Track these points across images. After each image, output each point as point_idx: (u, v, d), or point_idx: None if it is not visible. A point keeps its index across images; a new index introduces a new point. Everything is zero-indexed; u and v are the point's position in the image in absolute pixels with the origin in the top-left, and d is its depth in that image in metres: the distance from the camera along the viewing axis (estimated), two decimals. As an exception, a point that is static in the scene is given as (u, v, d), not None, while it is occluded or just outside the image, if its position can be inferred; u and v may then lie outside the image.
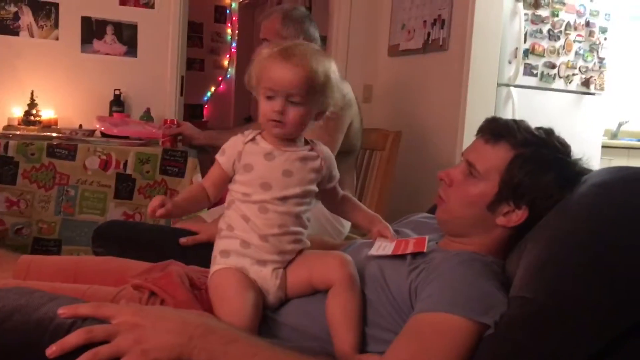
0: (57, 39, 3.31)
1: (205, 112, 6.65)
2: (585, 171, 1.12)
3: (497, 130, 1.15)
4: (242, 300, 1.08)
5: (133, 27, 3.44)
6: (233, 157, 1.16)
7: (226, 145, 1.18)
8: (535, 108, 3.07)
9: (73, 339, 0.84)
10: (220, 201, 3.09)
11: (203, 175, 2.71)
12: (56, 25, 3.30)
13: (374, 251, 1.19)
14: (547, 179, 1.08)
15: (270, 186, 1.13)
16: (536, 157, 1.10)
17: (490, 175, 1.12)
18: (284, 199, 1.14)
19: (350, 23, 3.71)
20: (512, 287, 0.99)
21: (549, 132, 1.16)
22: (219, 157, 1.18)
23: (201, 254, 1.49)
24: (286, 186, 1.15)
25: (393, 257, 1.16)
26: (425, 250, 1.14)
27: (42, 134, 2.81)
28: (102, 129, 2.88)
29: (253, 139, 1.16)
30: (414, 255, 1.15)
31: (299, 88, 1.10)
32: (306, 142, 1.21)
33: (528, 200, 1.09)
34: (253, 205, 1.14)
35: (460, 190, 1.15)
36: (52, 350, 0.83)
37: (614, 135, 4.29)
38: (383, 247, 1.20)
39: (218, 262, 1.16)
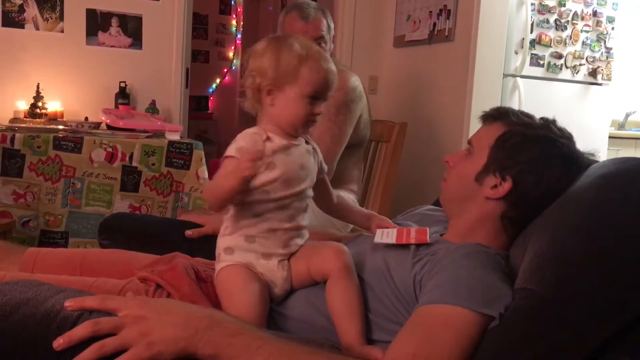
0: (62, 31, 3.31)
1: (210, 104, 6.66)
2: (583, 157, 1.14)
3: (496, 113, 1.20)
4: (249, 294, 1.09)
5: (138, 19, 3.44)
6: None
7: (244, 143, 1.13)
8: (541, 99, 3.06)
9: (80, 331, 0.85)
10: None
11: (209, 168, 2.74)
12: (61, 17, 3.30)
13: (378, 239, 1.20)
14: (530, 153, 1.11)
15: (291, 182, 1.13)
16: (522, 133, 1.13)
17: (482, 149, 1.16)
18: (300, 193, 1.15)
19: (355, 14, 3.70)
20: (517, 279, 0.99)
21: (550, 120, 1.18)
22: (239, 156, 1.10)
23: (206, 246, 1.49)
24: (303, 180, 1.16)
25: (397, 249, 1.16)
26: (428, 240, 1.15)
27: (48, 126, 2.82)
28: (108, 121, 2.89)
29: (268, 137, 1.14)
30: (418, 247, 1.15)
31: (332, 91, 1.16)
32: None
33: (512, 172, 1.11)
34: (271, 203, 1.12)
35: (458, 168, 1.21)
36: (59, 342, 0.84)
37: (621, 126, 4.27)
38: (386, 234, 1.21)
39: (223, 260, 1.15)
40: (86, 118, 3.21)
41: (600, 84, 3.28)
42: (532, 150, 1.11)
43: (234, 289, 1.10)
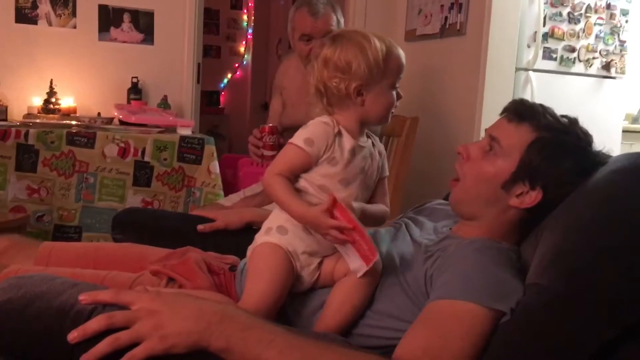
0: (74, 27, 3.34)
1: (221, 99, 6.67)
2: (604, 161, 1.10)
3: (522, 111, 1.14)
4: (278, 279, 1.09)
5: (150, 15, 3.45)
6: (322, 149, 1.11)
7: (313, 134, 1.11)
8: (554, 93, 3.03)
9: (94, 324, 0.86)
10: (237, 187, 3.12)
11: (220, 163, 2.75)
12: (74, 13, 3.33)
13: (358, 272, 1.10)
14: (564, 165, 1.08)
15: (349, 183, 1.13)
16: (557, 143, 1.09)
17: (511, 153, 1.10)
18: (357, 197, 1.15)
19: (366, 8, 3.68)
20: (529, 274, 0.99)
21: (573, 121, 1.14)
22: (305, 146, 1.10)
23: (218, 240, 1.50)
24: (360, 183, 1.16)
25: (407, 245, 1.16)
26: (376, 257, 1.06)
27: (62, 122, 2.85)
28: (121, 116, 2.91)
29: (339, 131, 1.13)
30: (429, 243, 1.15)
31: None
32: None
33: (543, 183, 1.08)
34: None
35: (477, 166, 1.14)
36: (73, 335, 0.85)
37: (635, 120, 4.22)
38: (352, 259, 1.10)
39: (272, 235, 1.13)
40: (99, 113, 3.23)
41: (613, 78, 3.25)
42: (564, 163, 1.08)
43: (267, 267, 1.10)
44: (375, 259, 1.05)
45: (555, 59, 3.08)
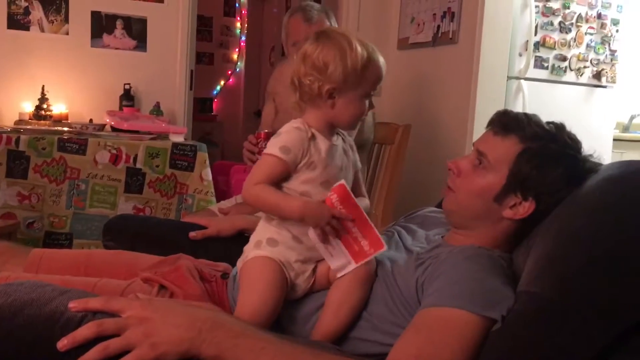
0: (67, 33, 3.33)
1: (214, 106, 6.66)
2: (595, 168, 1.11)
3: (506, 122, 1.14)
4: (268, 293, 1.08)
5: (142, 22, 3.45)
6: (299, 155, 1.10)
7: (289, 141, 1.10)
8: (546, 101, 3.05)
9: (84, 332, 0.85)
10: (229, 194, 3.11)
11: (212, 170, 2.74)
12: (66, 19, 3.32)
13: (339, 272, 1.12)
14: (554, 174, 1.08)
15: (331, 184, 1.12)
16: (544, 152, 1.09)
17: (499, 166, 1.11)
18: None
19: (359, 16, 3.69)
20: (520, 282, 0.99)
21: (560, 127, 1.14)
22: (282, 155, 1.09)
23: (210, 247, 1.50)
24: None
25: (400, 251, 1.16)
26: (384, 248, 1.09)
27: (53, 128, 2.84)
28: (113, 123, 2.90)
29: (313, 135, 1.12)
30: (420, 251, 1.15)
31: None
32: None
33: (535, 193, 1.09)
34: None
35: (468, 180, 1.14)
36: (63, 343, 0.84)
37: (625, 129, 4.25)
38: (336, 257, 1.11)
39: (264, 248, 1.13)
40: (91, 120, 3.22)
41: (604, 87, 3.27)
42: (554, 171, 1.08)
43: (260, 281, 1.09)
44: (383, 249, 1.07)
45: (546, 68, 3.10)
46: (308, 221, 1.08)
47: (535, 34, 3.02)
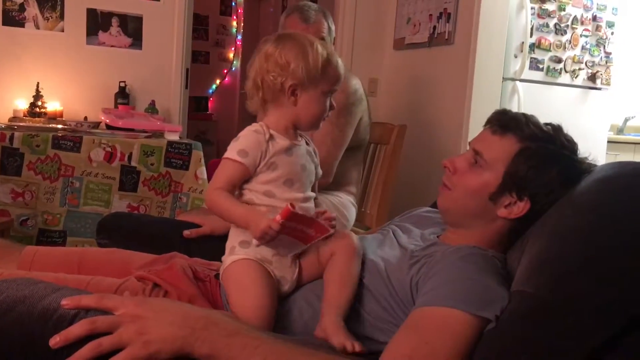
0: (62, 30, 3.32)
1: (210, 104, 6.66)
2: (590, 169, 1.11)
3: (505, 122, 1.15)
4: (262, 290, 1.09)
5: (138, 19, 3.44)
6: (257, 157, 1.12)
7: (246, 145, 1.12)
8: (541, 102, 3.06)
9: (76, 329, 0.85)
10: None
11: (207, 168, 2.74)
12: (62, 17, 3.31)
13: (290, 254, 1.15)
14: (550, 174, 1.09)
15: (293, 182, 1.15)
16: (542, 152, 1.10)
17: (495, 165, 1.12)
18: (305, 195, 1.17)
19: (356, 16, 3.70)
20: (514, 282, 0.99)
21: (557, 129, 1.15)
22: (240, 158, 1.11)
23: (204, 246, 1.50)
24: (305, 181, 1.17)
25: (394, 250, 1.17)
26: (330, 231, 1.13)
27: (48, 125, 2.82)
28: (107, 121, 2.89)
29: (271, 136, 1.14)
30: (415, 249, 1.16)
31: None
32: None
33: (530, 193, 1.09)
34: (281, 202, 1.12)
35: (464, 179, 1.15)
36: (55, 340, 0.84)
37: (620, 131, 4.27)
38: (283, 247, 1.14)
39: (237, 253, 1.14)
40: (85, 117, 3.21)
41: (599, 89, 3.29)
42: (550, 172, 1.09)
43: (247, 283, 1.10)
44: (330, 232, 1.12)
45: (541, 70, 3.11)
46: (251, 231, 1.09)
47: (531, 36, 3.03)
